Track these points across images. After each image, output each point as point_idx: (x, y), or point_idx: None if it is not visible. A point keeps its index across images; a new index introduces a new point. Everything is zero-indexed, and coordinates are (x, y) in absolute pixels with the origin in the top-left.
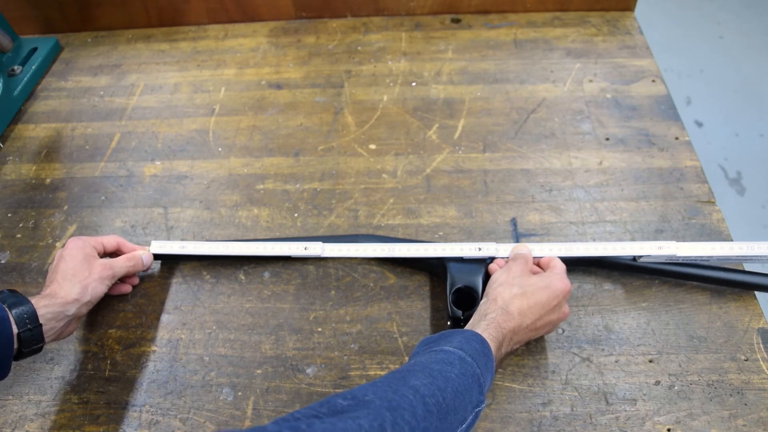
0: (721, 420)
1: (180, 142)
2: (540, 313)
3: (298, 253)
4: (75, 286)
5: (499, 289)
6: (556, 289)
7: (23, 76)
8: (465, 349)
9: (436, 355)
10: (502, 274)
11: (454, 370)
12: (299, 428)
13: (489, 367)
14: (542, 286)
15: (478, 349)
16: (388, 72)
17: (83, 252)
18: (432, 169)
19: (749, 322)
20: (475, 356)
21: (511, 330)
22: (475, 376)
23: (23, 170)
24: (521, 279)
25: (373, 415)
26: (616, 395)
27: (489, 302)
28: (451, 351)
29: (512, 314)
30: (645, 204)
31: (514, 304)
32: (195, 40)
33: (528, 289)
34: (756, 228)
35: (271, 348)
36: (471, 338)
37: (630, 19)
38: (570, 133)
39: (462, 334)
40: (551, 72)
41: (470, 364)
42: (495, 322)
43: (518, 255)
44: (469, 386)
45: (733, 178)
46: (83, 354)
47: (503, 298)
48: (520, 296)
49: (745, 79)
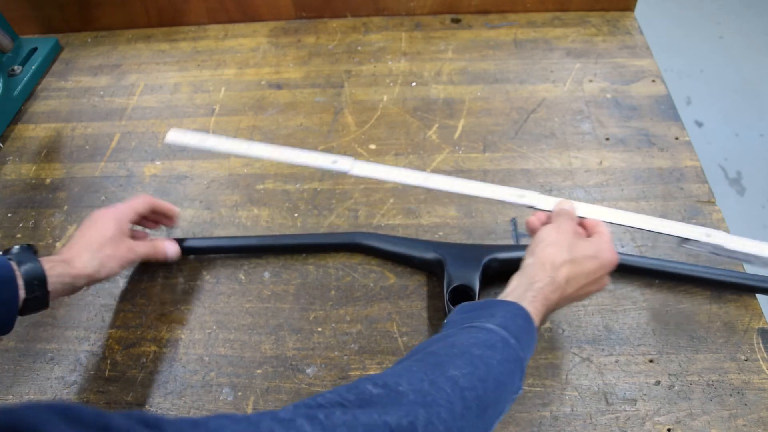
0: (721, 420)
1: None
2: (583, 282)
3: (326, 165)
4: (94, 261)
5: (549, 250)
6: (605, 260)
7: (23, 76)
8: (509, 328)
9: (477, 334)
10: (552, 232)
11: (496, 355)
12: (316, 417)
13: (531, 345)
14: (591, 254)
15: (522, 327)
16: (388, 72)
17: (117, 227)
18: (432, 169)
19: (749, 322)
20: (519, 336)
21: (555, 301)
22: (518, 361)
23: (23, 170)
24: (571, 242)
25: (404, 411)
26: (616, 395)
27: (537, 266)
28: (494, 330)
29: (560, 284)
30: (645, 204)
31: (562, 271)
32: (195, 40)
33: (577, 256)
34: (756, 228)
35: (271, 348)
36: (516, 314)
37: (630, 19)
38: (570, 133)
39: (507, 307)
40: (551, 72)
41: (513, 346)
42: (542, 293)
43: (563, 211)
44: (511, 373)
45: (733, 178)
46: (83, 354)
47: (553, 263)
48: (570, 263)
49: (745, 79)
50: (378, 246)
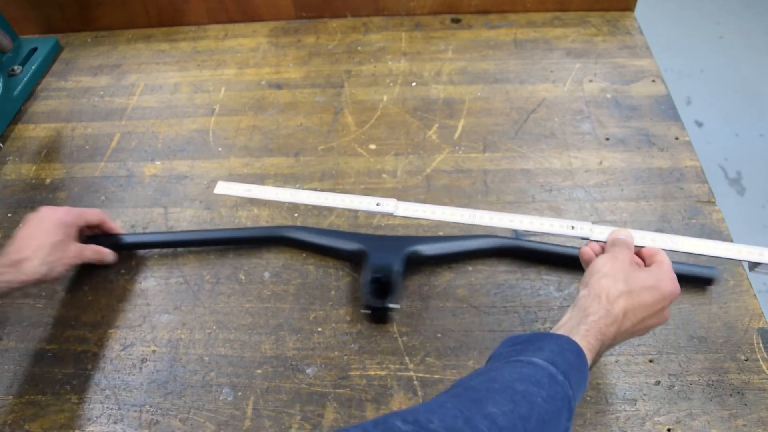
0: (721, 420)
1: (180, 142)
2: (642, 315)
3: (369, 208)
4: (43, 266)
5: (604, 281)
6: (665, 291)
7: (23, 76)
8: (557, 363)
9: (521, 368)
10: (607, 262)
11: (541, 392)
12: None
13: (582, 384)
14: (650, 285)
15: (572, 362)
16: (388, 72)
17: (66, 232)
18: (432, 169)
19: (749, 322)
20: (568, 372)
21: (611, 336)
22: (565, 399)
23: (23, 170)
24: (628, 273)
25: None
26: (616, 395)
27: (592, 297)
28: (541, 366)
29: (616, 317)
30: (645, 204)
31: (618, 303)
32: (195, 40)
33: (635, 287)
34: (756, 228)
35: (271, 348)
36: (566, 348)
37: (630, 19)
38: (570, 133)
39: (557, 341)
40: (551, 72)
41: (561, 383)
42: (596, 326)
43: (619, 241)
44: (558, 412)
45: (733, 178)
46: (83, 354)
47: (608, 295)
48: (626, 295)
49: (745, 79)
50: (303, 239)
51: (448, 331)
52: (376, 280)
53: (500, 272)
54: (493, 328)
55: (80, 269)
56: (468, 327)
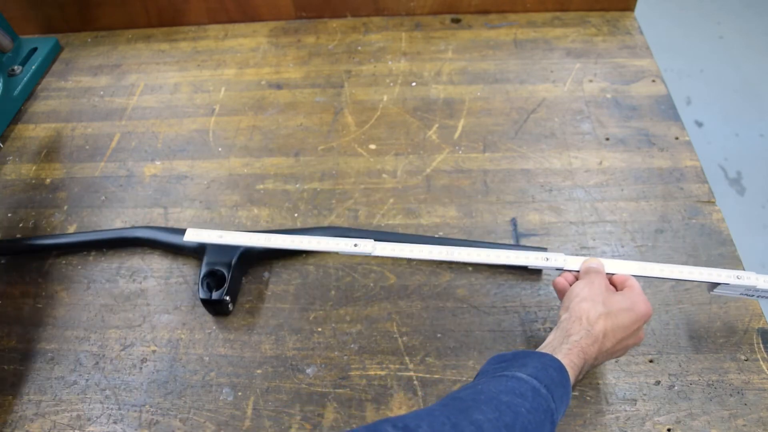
0: (721, 420)
1: (180, 142)
2: (621, 336)
3: (347, 250)
4: None
5: (584, 305)
6: (640, 312)
7: (23, 76)
8: (540, 378)
9: (506, 382)
10: (585, 287)
11: (525, 404)
12: None
13: (564, 399)
14: (626, 307)
15: (555, 378)
16: (388, 72)
17: None
18: (432, 169)
19: (749, 322)
20: (551, 387)
21: (593, 356)
22: (548, 412)
23: (23, 170)
24: (605, 296)
25: None
26: (616, 395)
27: (573, 320)
28: (525, 380)
29: (597, 337)
30: (645, 204)
31: (598, 324)
32: (195, 40)
33: (612, 309)
34: (756, 228)
35: (271, 348)
36: (549, 365)
37: (630, 19)
38: (570, 133)
39: (540, 358)
40: (551, 72)
41: (544, 396)
42: (578, 346)
43: (592, 269)
44: (541, 423)
45: (733, 178)
46: (84, 354)
47: (588, 317)
48: (605, 316)
49: (745, 79)
50: (150, 237)
51: (448, 331)
52: (212, 273)
53: (500, 272)
54: (493, 328)
55: (83, 268)
56: (468, 327)
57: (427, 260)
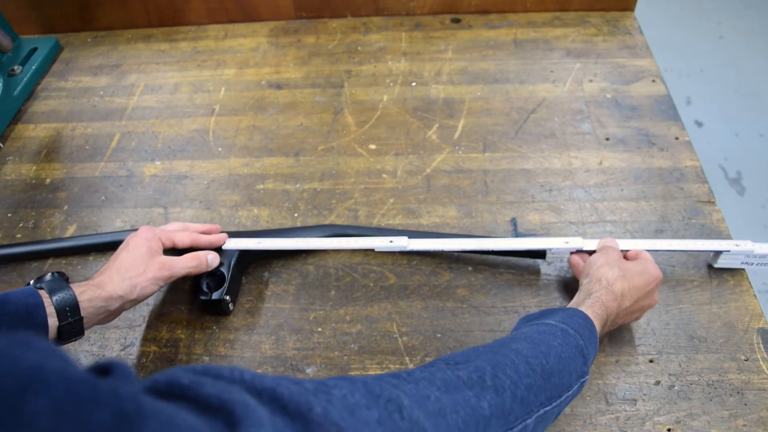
0: (721, 420)
1: (180, 142)
2: (637, 296)
3: (383, 246)
4: (124, 282)
5: (603, 269)
6: (652, 275)
7: (23, 76)
8: (567, 323)
9: (537, 327)
10: (601, 257)
11: (556, 339)
12: (399, 376)
13: (593, 341)
14: (639, 271)
15: (581, 323)
16: (388, 72)
17: (148, 246)
18: (432, 169)
19: (749, 322)
20: (578, 329)
21: (614, 311)
22: (578, 347)
23: (23, 170)
24: (620, 262)
25: (473, 367)
26: (616, 395)
27: (593, 282)
28: (554, 324)
29: (616, 295)
30: (645, 204)
31: (617, 284)
32: (195, 40)
33: (627, 272)
34: (756, 228)
35: (271, 348)
36: (573, 314)
37: (630, 19)
38: (570, 133)
39: (564, 311)
40: (551, 72)
41: (573, 335)
42: (600, 300)
43: (607, 243)
44: (572, 355)
45: (733, 178)
46: (84, 354)
47: (607, 278)
48: (621, 278)
49: (745, 79)
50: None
51: (448, 331)
52: (211, 273)
53: (500, 272)
54: (493, 328)
55: (83, 269)
56: (468, 327)
57: (427, 260)
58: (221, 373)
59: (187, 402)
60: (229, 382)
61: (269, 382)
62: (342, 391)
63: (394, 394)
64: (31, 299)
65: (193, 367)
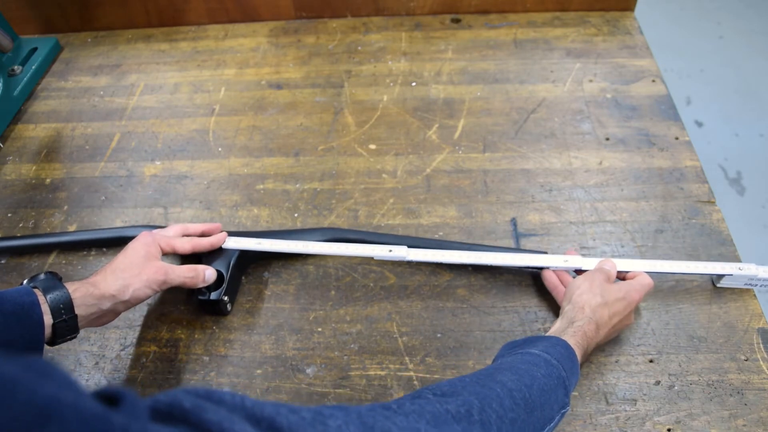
0: (721, 420)
1: (180, 142)
2: (615, 321)
3: (382, 255)
4: (117, 282)
5: (585, 296)
6: (632, 300)
7: (23, 76)
8: (550, 353)
9: (521, 356)
10: (584, 282)
11: (539, 370)
12: (390, 408)
13: (574, 371)
14: (620, 297)
15: (563, 353)
16: (388, 72)
17: (146, 250)
18: (432, 169)
19: (749, 322)
20: (560, 359)
21: (594, 340)
22: (560, 379)
23: (23, 170)
24: (602, 288)
25: (461, 401)
26: (616, 395)
27: (576, 309)
28: (537, 353)
29: (599, 324)
30: (645, 204)
31: (598, 312)
32: (195, 40)
33: (609, 299)
34: (756, 228)
35: (271, 348)
36: (556, 344)
37: (630, 19)
38: (570, 133)
39: (547, 339)
40: (551, 72)
41: (555, 366)
42: (582, 330)
43: (603, 266)
44: (555, 387)
45: (733, 178)
46: (84, 354)
47: (590, 306)
48: (602, 306)
49: (745, 79)
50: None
51: (448, 331)
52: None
53: (500, 272)
54: (493, 328)
55: (83, 268)
56: (468, 327)
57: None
58: (223, 399)
59: (188, 426)
60: (231, 408)
61: (269, 411)
62: (337, 422)
63: (386, 426)
64: (26, 298)
65: (196, 389)
